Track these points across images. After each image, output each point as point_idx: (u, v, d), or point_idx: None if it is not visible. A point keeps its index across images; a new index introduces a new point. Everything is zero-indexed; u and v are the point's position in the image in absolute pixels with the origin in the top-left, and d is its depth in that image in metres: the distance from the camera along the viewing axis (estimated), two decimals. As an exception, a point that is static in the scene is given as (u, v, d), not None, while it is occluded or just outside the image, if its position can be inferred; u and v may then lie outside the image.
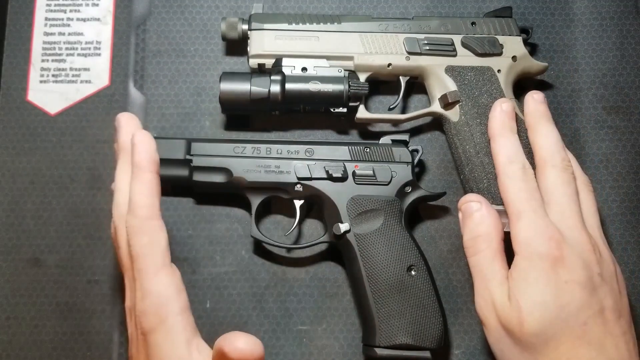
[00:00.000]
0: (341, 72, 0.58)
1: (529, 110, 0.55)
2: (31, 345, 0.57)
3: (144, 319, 0.43)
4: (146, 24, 0.64)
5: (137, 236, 0.44)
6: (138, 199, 0.44)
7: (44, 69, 0.63)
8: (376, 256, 0.54)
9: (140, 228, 0.44)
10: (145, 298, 0.43)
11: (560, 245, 0.47)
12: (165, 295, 0.43)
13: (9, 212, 0.59)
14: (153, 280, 0.43)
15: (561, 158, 0.52)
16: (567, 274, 0.46)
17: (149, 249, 0.43)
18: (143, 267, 0.43)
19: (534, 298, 0.46)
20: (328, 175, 0.56)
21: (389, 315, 0.53)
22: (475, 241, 0.50)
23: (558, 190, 0.50)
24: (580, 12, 0.65)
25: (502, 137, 0.53)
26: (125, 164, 0.48)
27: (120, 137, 0.49)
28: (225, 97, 0.57)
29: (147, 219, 0.44)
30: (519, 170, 0.51)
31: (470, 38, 0.59)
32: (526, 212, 0.49)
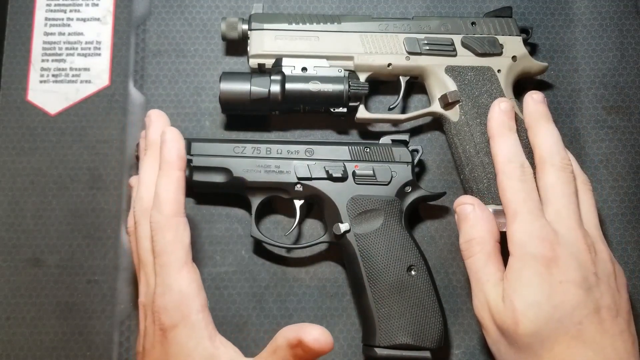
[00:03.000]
0: (341, 72, 0.58)
1: (528, 110, 0.55)
2: (31, 345, 0.57)
3: (165, 315, 0.43)
4: (146, 24, 0.64)
5: (162, 232, 0.44)
6: (165, 195, 0.45)
7: (44, 69, 0.63)
8: (376, 256, 0.54)
9: (165, 224, 0.44)
10: (166, 294, 0.43)
11: (553, 246, 0.47)
12: (187, 292, 0.44)
13: (9, 212, 0.59)
14: (176, 277, 0.44)
15: (560, 157, 0.51)
16: (561, 274, 0.46)
17: (173, 245, 0.44)
18: (166, 263, 0.44)
19: (528, 298, 0.46)
20: (328, 175, 0.56)
21: (389, 315, 0.53)
22: (469, 244, 0.50)
23: (557, 189, 0.50)
24: (580, 12, 0.65)
25: (501, 136, 0.53)
26: (152, 159, 0.49)
27: (150, 133, 0.50)
28: (225, 97, 0.57)
29: (173, 216, 0.45)
30: (518, 169, 0.51)
31: (470, 38, 0.59)
32: (522, 213, 0.49)
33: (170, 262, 0.44)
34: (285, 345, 0.41)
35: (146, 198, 0.47)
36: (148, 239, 0.46)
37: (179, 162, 0.47)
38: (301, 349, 0.40)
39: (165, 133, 0.48)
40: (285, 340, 0.41)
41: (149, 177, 0.48)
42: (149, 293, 0.45)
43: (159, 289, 0.44)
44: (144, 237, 0.46)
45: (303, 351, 0.40)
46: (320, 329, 0.40)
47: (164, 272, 0.44)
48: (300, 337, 0.40)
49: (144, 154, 0.51)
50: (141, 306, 0.46)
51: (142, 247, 0.46)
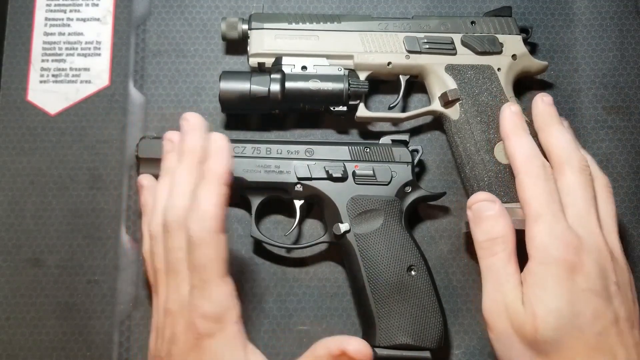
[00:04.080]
0: (341, 71, 0.58)
1: (538, 111, 0.54)
2: (31, 345, 0.57)
3: (203, 324, 0.44)
4: (146, 24, 0.64)
5: (204, 248, 0.44)
6: (211, 210, 0.44)
7: (44, 69, 0.63)
8: (376, 256, 0.54)
9: (209, 241, 0.44)
10: (206, 305, 0.44)
11: (578, 251, 0.45)
12: (226, 304, 0.44)
13: (9, 212, 0.59)
14: (216, 290, 0.44)
15: (578, 159, 0.50)
16: (583, 282, 0.45)
17: (214, 261, 0.44)
18: (207, 277, 0.44)
19: (550, 305, 0.45)
20: (328, 175, 0.56)
21: (389, 315, 0.53)
22: (491, 243, 0.49)
23: (576, 193, 0.49)
24: (580, 12, 0.65)
25: (516, 135, 0.52)
26: (189, 168, 0.47)
27: (189, 140, 0.48)
28: (225, 96, 0.57)
29: (217, 232, 0.44)
30: (540, 168, 0.49)
31: (470, 37, 0.59)
32: (545, 216, 0.47)
33: (211, 276, 0.44)
34: (327, 355, 0.43)
35: (181, 208, 0.45)
36: (182, 249, 0.45)
37: (227, 177, 0.45)
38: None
39: (216, 143, 0.47)
40: (327, 351, 0.43)
41: (185, 186, 0.46)
42: (180, 301, 0.45)
43: (197, 300, 0.44)
44: (177, 247, 0.45)
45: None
46: (361, 341, 0.43)
47: (204, 285, 0.44)
48: (344, 347, 0.43)
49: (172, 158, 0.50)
50: (167, 313, 0.46)
51: (175, 257, 0.45)
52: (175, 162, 0.49)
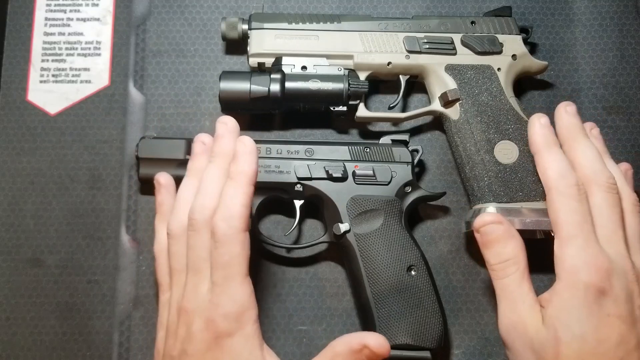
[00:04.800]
0: (341, 71, 0.58)
1: (562, 123, 0.52)
2: (31, 345, 0.57)
3: (224, 323, 0.44)
4: (146, 24, 0.64)
5: (230, 245, 0.45)
6: (238, 209, 0.45)
7: (44, 69, 0.63)
8: (376, 256, 0.54)
9: (234, 238, 0.45)
10: (228, 304, 0.44)
11: (608, 276, 0.44)
12: (247, 303, 0.45)
13: (9, 212, 0.59)
14: (239, 289, 0.45)
15: (606, 177, 0.48)
16: (610, 307, 0.44)
17: (239, 259, 0.45)
18: (230, 275, 0.45)
19: (574, 330, 0.44)
20: (328, 175, 0.56)
21: (389, 315, 0.53)
22: (503, 265, 0.48)
23: (604, 213, 0.47)
24: (580, 12, 0.65)
25: (549, 151, 0.50)
26: (220, 170, 0.48)
27: (224, 143, 0.49)
28: (225, 96, 0.57)
29: (242, 231, 0.45)
30: (573, 187, 0.48)
31: (470, 37, 0.59)
32: (577, 238, 0.46)
33: (234, 274, 0.45)
34: (347, 351, 0.44)
35: (209, 207, 0.46)
36: (205, 248, 0.46)
37: (254, 178, 0.47)
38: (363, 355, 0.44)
39: (245, 145, 0.48)
40: (348, 347, 0.44)
41: (215, 187, 0.47)
42: (199, 299, 0.45)
43: (219, 298, 0.44)
44: (201, 246, 0.46)
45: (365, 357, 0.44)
46: (380, 335, 0.45)
47: (227, 283, 0.45)
48: (365, 342, 0.44)
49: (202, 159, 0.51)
50: (183, 311, 0.46)
51: (198, 256, 0.46)
52: (205, 163, 0.50)
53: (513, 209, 0.54)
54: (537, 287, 0.58)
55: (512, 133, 0.56)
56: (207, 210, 0.46)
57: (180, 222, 0.48)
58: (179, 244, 0.48)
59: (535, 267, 0.59)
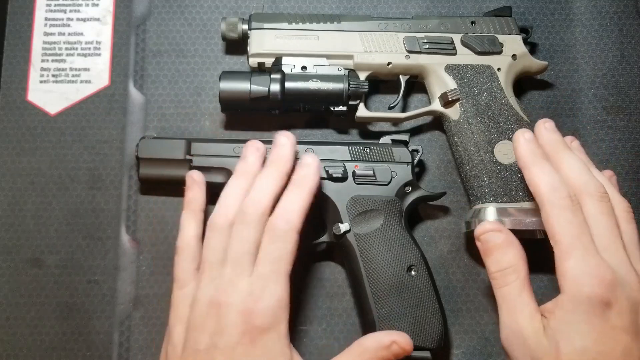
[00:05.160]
0: (341, 71, 0.58)
1: (544, 140, 0.52)
2: (31, 345, 0.57)
3: (262, 318, 0.45)
4: (146, 24, 0.64)
5: (284, 241, 0.48)
6: (298, 211, 0.49)
7: (44, 69, 0.63)
8: (376, 256, 0.54)
9: (290, 235, 0.48)
10: (268, 299, 0.46)
11: (612, 287, 0.44)
12: (285, 301, 0.47)
13: (9, 212, 0.59)
14: (283, 286, 0.47)
15: (596, 186, 0.48)
16: (615, 319, 0.43)
17: (289, 256, 0.48)
18: (278, 271, 0.47)
19: (576, 344, 0.43)
20: (328, 175, 0.56)
21: (389, 315, 0.53)
22: (503, 273, 0.48)
23: (599, 222, 0.47)
24: (580, 12, 0.65)
25: (536, 165, 0.49)
26: (276, 172, 0.51)
27: (283, 151, 0.52)
28: (224, 96, 0.57)
29: (297, 231, 0.48)
30: (566, 199, 0.47)
31: (470, 37, 0.59)
32: (578, 250, 0.45)
33: (282, 270, 0.47)
34: (377, 347, 0.47)
35: (264, 205, 0.49)
36: (252, 243, 0.48)
37: (316, 189, 0.51)
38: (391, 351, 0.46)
39: (313, 159, 0.52)
40: (377, 343, 0.47)
41: (271, 188, 0.50)
42: (236, 293, 0.46)
43: (262, 292, 0.46)
44: (247, 239, 0.48)
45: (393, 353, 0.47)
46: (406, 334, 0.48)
47: (274, 277, 0.46)
48: (395, 339, 0.47)
49: (255, 162, 0.53)
50: (214, 304, 0.46)
51: (243, 249, 0.47)
52: (258, 166, 0.53)
53: (513, 209, 0.54)
54: (537, 287, 0.58)
55: (512, 133, 0.56)
56: (261, 206, 0.49)
57: (227, 217, 0.50)
58: (220, 237, 0.49)
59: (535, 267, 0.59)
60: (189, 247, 0.51)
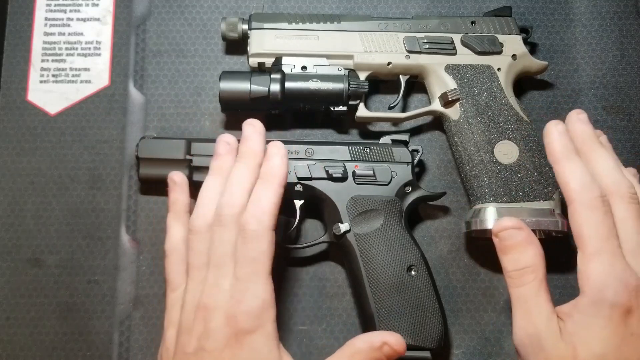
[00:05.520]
0: (341, 71, 0.58)
1: (576, 132, 0.49)
2: (31, 345, 0.57)
3: (246, 320, 0.45)
4: (146, 24, 0.64)
5: (257, 241, 0.46)
6: (269, 208, 0.47)
7: (44, 69, 0.63)
8: (376, 256, 0.54)
9: (262, 235, 0.46)
10: (251, 300, 0.45)
11: (637, 294, 0.42)
12: (269, 301, 0.46)
13: (9, 212, 0.59)
14: (263, 286, 0.46)
15: (626, 186, 0.46)
16: (635, 326, 0.42)
17: (265, 255, 0.46)
18: (257, 271, 0.46)
19: (594, 349, 0.42)
20: (328, 175, 0.56)
21: (389, 315, 0.53)
22: (520, 272, 0.46)
23: (628, 226, 0.45)
24: (580, 12, 0.65)
25: (569, 160, 0.47)
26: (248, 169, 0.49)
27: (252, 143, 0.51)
28: (225, 96, 0.57)
29: (270, 229, 0.47)
30: (598, 199, 0.45)
31: (470, 37, 0.59)
32: (604, 253, 0.43)
33: (260, 270, 0.46)
34: (368, 348, 0.45)
35: (238, 205, 0.47)
36: (231, 244, 0.46)
37: (285, 180, 0.49)
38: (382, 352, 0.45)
39: (278, 148, 0.50)
40: (369, 344, 0.45)
41: (244, 185, 0.49)
42: (220, 295, 0.45)
43: (243, 294, 0.45)
44: (226, 241, 0.47)
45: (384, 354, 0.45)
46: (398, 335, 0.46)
47: (252, 279, 0.45)
48: (386, 340, 0.45)
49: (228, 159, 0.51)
50: (201, 307, 0.46)
51: (223, 251, 0.46)
52: (230, 163, 0.51)
53: (513, 209, 0.54)
54: (537, 287, 0.58)
55: (512, 133, 0.56)
56: (235, 207, 0.47)
57: (205, 218, 0.49)
58: (201, 240, 0.48)
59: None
60: (177, 249, 0.51)
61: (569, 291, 0.58)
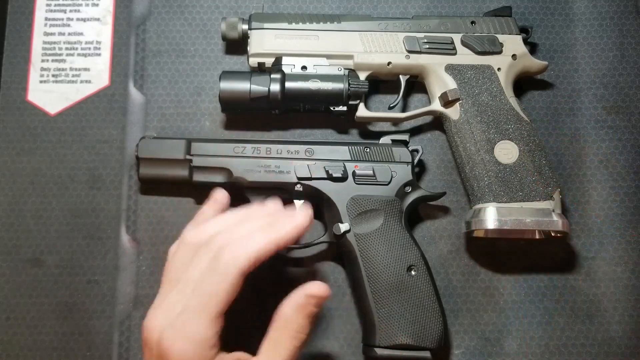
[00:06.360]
0: (341, 71, 0.58)
1: None
2: (31, 345, 0.57)
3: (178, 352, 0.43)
4: (146, 24, 0.64)
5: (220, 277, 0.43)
6: (252, 252, 0.44)
7: (44, 69, 0.63)
8: (376, 256, 0.54)
9: (230, 273, 0.43)
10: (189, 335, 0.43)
11: None
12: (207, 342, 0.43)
13: (9, 212, 0.59)
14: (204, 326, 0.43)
15: None
16: None
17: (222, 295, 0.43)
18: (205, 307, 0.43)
19: None
20: (328, 175, 0.56)
21: (389, 315, 0.53)
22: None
23: None
24: (580, 12, 0.65)
25: None
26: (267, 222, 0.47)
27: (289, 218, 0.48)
28: (225, 96, 0.57)
29: (240, 272, 0.43)
30: None
31: (470, 37, 0.59)
32: None
33: (210, 309, 0.43)
34: (296, 310, 0.44)
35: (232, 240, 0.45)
36: (200, 271, 0.44)
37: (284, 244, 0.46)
38: (310, 306, 0.44)
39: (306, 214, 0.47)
40: (294, 307, 0.45)
41: (253, 226, 0.47)
42: (168, 317, 0.44)
43: (184, 326, 0.43)
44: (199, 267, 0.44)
45: (312, 304, 0.45)
46: (315, 281, 0.45)
47: (200, 314, 0.43)
48: (308, 293, 0.45)
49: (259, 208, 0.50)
50: (146, 324, 0.44)
51: (192, 274, 0.45)
52: (259, 211, 0.50)
53: (513, 209, 0.54)
54: (537, 287, 0.58)
55: (512, 133, 0.56)
56: (222, 239, 0.45)
57: (200, 238, 0.47)
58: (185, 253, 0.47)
59: (535, 267, 0.59)
60: None
61: (569, 291, 0.58)
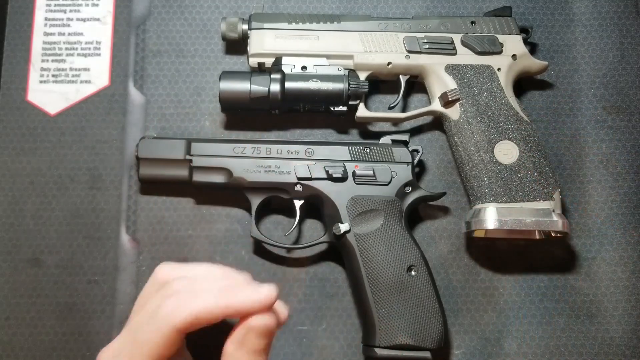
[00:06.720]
0: (341, 71, 0.58)
1: None
2: (31, 345, 0.57)
3: None
4: (146, 24, 0.64)
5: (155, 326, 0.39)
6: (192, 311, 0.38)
7: (44, 69, 0.63)
8: (376, 256, 0.54)
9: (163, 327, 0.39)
10: None
11: None
12: None
13: (9, 212, 0.59)
14: None
15: None
16: None
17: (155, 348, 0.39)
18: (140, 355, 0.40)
19: None
20: (328, 175, 0.56)
21: (389, 315, 0.53)
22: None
23: None
24: (580, 12, 0.65)
25: None
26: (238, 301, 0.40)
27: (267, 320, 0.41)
28: (225, 96, 0.57)
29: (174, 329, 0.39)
30: None
31: (470, 37, 0.59)
32: None
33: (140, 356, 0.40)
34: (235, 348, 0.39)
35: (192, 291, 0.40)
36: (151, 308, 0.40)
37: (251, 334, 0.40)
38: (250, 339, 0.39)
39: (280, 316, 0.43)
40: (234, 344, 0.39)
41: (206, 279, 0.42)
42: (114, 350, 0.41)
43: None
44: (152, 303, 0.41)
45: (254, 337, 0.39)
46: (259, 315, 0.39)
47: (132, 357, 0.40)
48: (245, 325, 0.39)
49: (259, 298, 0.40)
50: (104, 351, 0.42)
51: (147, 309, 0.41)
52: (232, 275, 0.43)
53: (513, 209, 0.54)
54: (538, 287, 0.58)
55: (512, 133, 0.56)
56: (175, 287, 0.41)
57: (165, 275, 0.43)
58: (150, 291, 0.44)
59: (535, 267, 0.59)
60: None
61: (569, 291, 0.58)
